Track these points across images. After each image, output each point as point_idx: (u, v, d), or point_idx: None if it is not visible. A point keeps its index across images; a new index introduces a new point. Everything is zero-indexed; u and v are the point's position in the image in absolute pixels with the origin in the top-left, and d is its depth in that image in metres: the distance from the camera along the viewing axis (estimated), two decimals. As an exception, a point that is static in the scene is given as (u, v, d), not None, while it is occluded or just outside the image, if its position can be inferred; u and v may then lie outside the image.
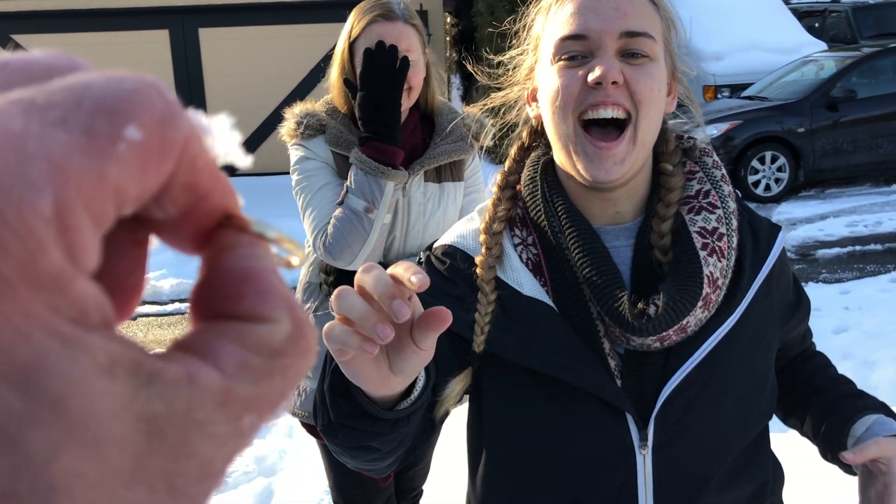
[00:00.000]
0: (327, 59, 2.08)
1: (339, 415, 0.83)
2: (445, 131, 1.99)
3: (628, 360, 1.01)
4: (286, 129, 1.97)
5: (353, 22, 1.89)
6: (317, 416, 0.89)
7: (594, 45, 0.97)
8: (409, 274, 0.64)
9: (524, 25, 1.12)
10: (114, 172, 0.18)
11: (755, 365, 1.07)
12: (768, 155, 8.12)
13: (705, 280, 0.98)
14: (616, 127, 0.98)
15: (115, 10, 10.20)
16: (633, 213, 1.07)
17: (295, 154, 1.95)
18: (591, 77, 0.95)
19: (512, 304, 1.02)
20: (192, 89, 10.59)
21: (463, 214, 2.04)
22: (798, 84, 8.75)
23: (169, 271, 6.86)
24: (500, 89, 1.16)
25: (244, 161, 0.24)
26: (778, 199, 8.15)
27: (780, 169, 8.19)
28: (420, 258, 1.10)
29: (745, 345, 1.04)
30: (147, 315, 6.05)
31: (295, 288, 2.06)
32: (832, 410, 1.14)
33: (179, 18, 10.40)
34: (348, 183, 1.83)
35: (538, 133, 1.14)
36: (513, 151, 1.16)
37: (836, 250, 6.43)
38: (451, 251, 1.09)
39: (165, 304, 6.28)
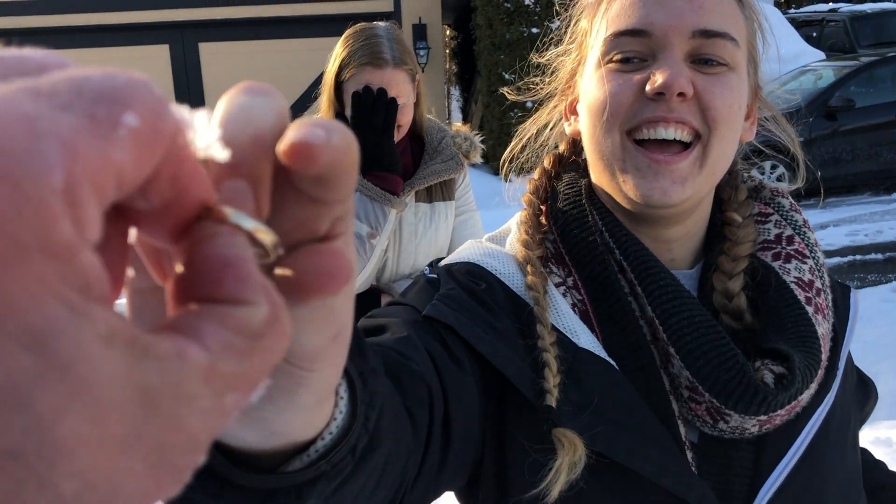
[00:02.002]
0: None
1: None
2: (435, 150, 2.00)
3: (707, 451, 0.77)
4: None
5: (342, 60, 1.88)
6: None
7: (657, 44, 0.76)
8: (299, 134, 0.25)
9: (569, 18, 0.89)
10: (115, 154, 0.19)
11: (848, 455, 0.85)
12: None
13: (820, 342, 0.77)
14: (679, 146, 0.77)
15: (115, 25, 10.24)
16: (688, 262, 0.86)
17: None
18: (651, 86, 0.74)
19: (564, 358, 0.75)
20: (192, 103, 10.49)
21: (456, 234, 2.03)
22: (796, 93, 8.77)
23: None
24: (520, 110, 0.98)
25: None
26: (778, 209, 8.17)
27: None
28: (427, 273, 0.86)
29: (836, 430, 0.82)
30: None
31: None
32: None
33: (179, 33, 10.44)
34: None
35: (577, 149, 0.92)
36: (547, 162, 0.93)
37: (836, 259, 6.43)
38: (481, 272, 0.82)
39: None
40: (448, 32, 13.99)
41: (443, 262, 0.88)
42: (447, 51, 13.47)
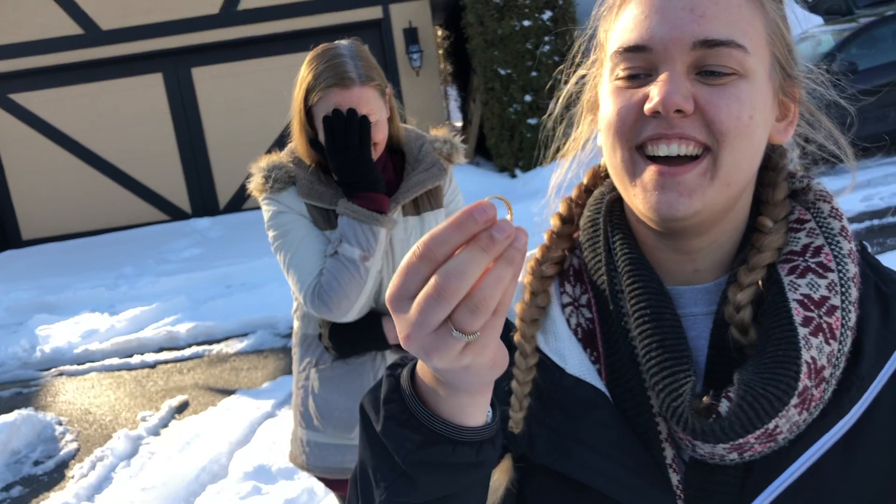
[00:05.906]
0: None
1: (407, 452, 0.62)
2: (416, 160, 1.95)
3: (694, 475, 0.75)
4: (254, 183, 1.92)
5: (308, 85, 1.84)
6: (367, 489, 0.67)
7: (658, 58, 0.73)
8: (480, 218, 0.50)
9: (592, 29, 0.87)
10: None
11: (888, 494, 0.75)
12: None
13: (804, 368, 0.70)
14: (689, 160, 0.74)
15: (108, 59, 10.25)
16: (714, 273, 0.81)
17: (267, 210, 1.90)
18: (648, 104, 0.72)
19: (549, 387, 0.78)
20: (190, 128, 10.60)
21: None
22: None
23: (184, 315, 6.83)
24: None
25: None
26: (789, 180, 8.09)
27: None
28: None
29: (870, 460, 0.74)
30: (166, 362, 6.01)
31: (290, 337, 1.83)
32: None
33: (172, 60, 10.44)
34: (339, 233, 1.81)
35: None
36: (585, 177, 0.92)
37: (853, 226, 6.30)
38: None
39: (183, 348, 6.25)
40: (440, 33, 13.94)
41: None
42: (440, 52, 13.41)
